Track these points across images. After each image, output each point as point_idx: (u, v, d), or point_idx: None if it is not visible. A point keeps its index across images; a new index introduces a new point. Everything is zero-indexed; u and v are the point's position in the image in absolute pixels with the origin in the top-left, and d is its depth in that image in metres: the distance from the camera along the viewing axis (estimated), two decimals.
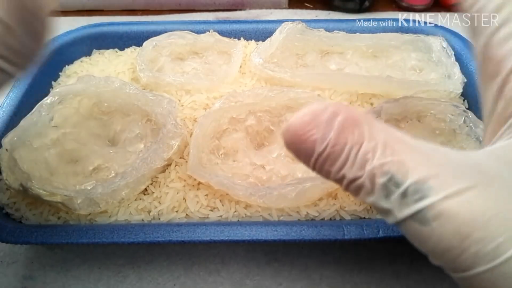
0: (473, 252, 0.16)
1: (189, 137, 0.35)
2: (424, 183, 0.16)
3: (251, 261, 0.33)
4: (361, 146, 0.17)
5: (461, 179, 0.16)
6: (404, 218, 0.17)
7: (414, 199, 0.16)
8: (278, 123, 0.36)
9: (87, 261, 0.33)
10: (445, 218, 0.16)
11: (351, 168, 0.17)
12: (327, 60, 0.43)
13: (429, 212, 0.16)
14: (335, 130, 0.17)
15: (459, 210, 0.16)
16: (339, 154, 0.17)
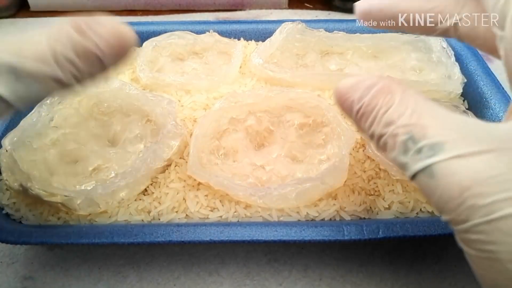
0: (470, 204, 0.17)
1: (189, 138, 0.35)
2: (438, 143, 0.18)
3: (251, 261, 0.33)
4: (389, 108, 0.20)
5: (474, 145, 0.18)
6: (416, 171, 0.19)
7: (427, 155, 0.18)
8: (278, 123, 0.36)
9: (87, 261, 0.33)
10: (449, 173, 0.18)
11: (378, 125, 0.20)
12: (327, 60, 0.43)
13: (437, 167, 0.18)
14: (370, 94, 0.20)
15: (463, 167, 0.18)
16: (370, 113, 0.20)
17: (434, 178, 0.18)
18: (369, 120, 0.20)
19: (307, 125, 0.35)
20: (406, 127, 0.19)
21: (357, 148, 0.35)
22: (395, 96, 0.20)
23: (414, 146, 0.19)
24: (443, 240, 0.33)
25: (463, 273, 0.32)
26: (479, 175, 0.17)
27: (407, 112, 0.19)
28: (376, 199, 0.32)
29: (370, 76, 0.21)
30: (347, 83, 0.21)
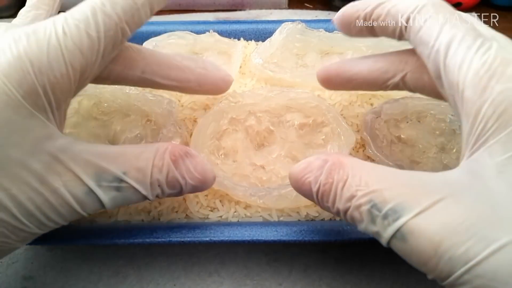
0: (447, 258, 0.18)
1: (189, 138, 0.35)
2: (399, 204, 0.19)
3: (251, 261, 0.33)
4: (345, 182, 0.21)
5: (430, 196, 0.19)
6: (389, 237, 0.20)
7: (392, 219, 0.19)
8: (278, 123, 0.36)
9: (87, 262, 0.33)
10: (418, 232, 0.19)
11: (340, 201, 0.21)
12: (327, 60, 0.43)
13: (405, 230, 0.19)
14: (324, 172, 0.22)
15: (429, 223, 0.19)
16: (330, 191, 0.22)
17: (407, 241, 0.19)
18: (331, 198, 0.22)
19: (307, 125, 0.35)
20: (366, 196, 0.20)
21: (357, 148, 0.35)
22: (346, 169, 0.21)
23: (379, 213, 0.20)
24: None
25: None
26: (446, 227, 0.18)
27: (362, 182, 0.20)
28: None
29: (318, 156, 0.23)
30: (299, 167, 0.23)
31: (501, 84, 0.20)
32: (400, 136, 0.35)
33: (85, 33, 0.22)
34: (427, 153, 0.34)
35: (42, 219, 0.22)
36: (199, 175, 0.25)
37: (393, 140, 0.35)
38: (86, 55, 0.23)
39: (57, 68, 0.22)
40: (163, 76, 0.29)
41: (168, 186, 0.24)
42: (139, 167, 0.23)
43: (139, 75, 0.29)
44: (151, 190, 0.24)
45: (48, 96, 0.22)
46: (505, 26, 0.58)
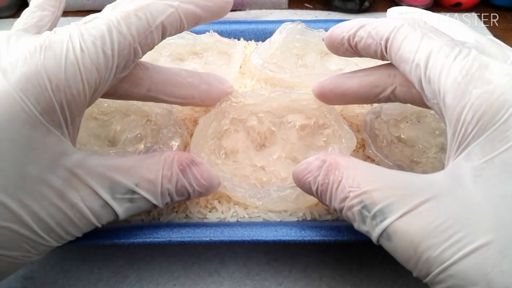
0: (424, 259, 0.19)
1: (189, 138, 0.35)
2: (386, 207, 0.20)
3: (251, 261, 0.33)
4: (339, 183, 0.22)
5: (414, 197, 0.20)
6: (377, 237, 0.21)
7: (380, 219, 0.21)
8: (280, 124, 0.36)
9: (87, 262, 0.33)
10: (401, 233, 0.20)
11: (335, 202, 0.23)
12: (327, 60, 0.43)
13: (390, 230, 0.20)
14: (321, 173, 0.23)
15: (411, 225, 0.20)
16: (326, 191, 0.23)
17: (391, 241, 0.20)
18: (328, 198, 0.23)
19: (308, 126, 0.35)
20: (358, 197, 0.21)
21: (357, 148, 0.35)
22: (341, 170, 0.23)
23: (369, 214, 0.21)
24: None
25: None
26: (425, 228, 0.19)
27: (355, 183, 0.22)
28: None
29: (317, 156, 0.24)
30: (301, 167, 0.25)
31: (479, 89, 0.20)
32: (400, 136, 0.35)
33: (101, 50, 0.23)
34: (427, 153, 0.34)
35: (61, 233, 0.23)
36: (205, 182, 0.26)
37: (393, 140, 0.35)
38: (101, 72, 0.23)
39: (74, 85, 0.22)
40: (168, 94, 0.30)
41: (177, 194, 0.25)
42: (150, 179, 0.24)
43: (145, 93, 0.29)
44: (162, 198, 0.25)
45: (64, 112, 0.22)
46: (505, 26, 0.58)
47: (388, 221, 0.20)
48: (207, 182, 0.26)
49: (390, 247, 0.21)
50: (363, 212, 0.21)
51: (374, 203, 0.21)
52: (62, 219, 0.22)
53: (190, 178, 0.26)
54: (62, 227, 0.22)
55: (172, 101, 0.31)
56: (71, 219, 0.22)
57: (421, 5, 0.59)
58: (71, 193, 0.22)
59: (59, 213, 0.22)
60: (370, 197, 0.21)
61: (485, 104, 0.20)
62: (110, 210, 0.24)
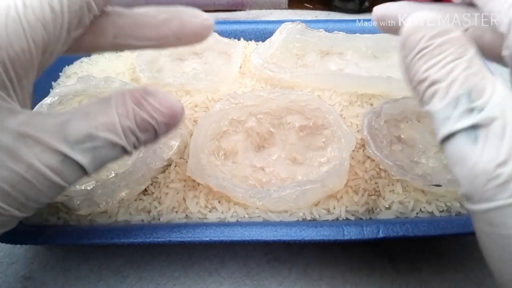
0: (502, 181, 0.17)
1: (189, 138, 0.35)
2: (493, 109, 0.18)
3: (251, 261, 0.33)
4: (457, 59, 0.19)
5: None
6: (459, 129, 0.18)
7: (477, 117, 0.18)
8: (279, 125, 0.36)
9: (87, 261, 0.33)
10: (495, 142, 0.17)
11: (438, 70, 0.19)
12: (327, 60, 0.43)
13: (483, 133, 0.17)
14: (445, 38, 0.19)
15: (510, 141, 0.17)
16: (435, 56, 0.19)
17: (476, 143, 0.18)
18: (430, 62, 0.19)
19: (307, 127, 0.35)
20: (467, 82, 0.18)
21: (357, 148, 0.35)
22: (468, 51, 0.19)
23: (467, 105, 0.18)
24: (443, 240, 0.33)
25: (463, 273, 0.32)
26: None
27: (473, 70, 0.19)
28: (377, 199, 0.32)
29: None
30: (427, 16, 0.20)
31: None
32: (400, 136, 0.35)
33: (48, 6, 0.22)
34: (427, 153, 0.34)
35: (21, 199, 0.21)
36: (166, 110, 0.24)
37: (393, 140, 0.35)
38: (49, 29, 0.22)
39: (17, 43, 0.21)
40: (138, 38, 0.28)
41: (141, 130, 0.23)
42: (106, 120, 0.22)
43: (112, 40, 0.27)
44: (126, 138, 0.23)
45: (8, 72, 0.21)
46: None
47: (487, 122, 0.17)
48: (168, 109, 0.24)
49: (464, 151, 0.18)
50: (461, 99, 0.18)
51: (481, 98, 0.18)
52: (18, 182, 0.20)
53: (149, 109, 0.23)
54: (20, 191, 0.21)
55: (145, 45, 0.28)
56: (29, 181, 0.21)
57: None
58: (23, 152, 0.20)
59: (13, 175, 0.20)
60: (481, 92, 0.18)
61: None
62: (73, 164, 0.22)
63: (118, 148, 0.23)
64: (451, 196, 0.31)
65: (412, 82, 0.21)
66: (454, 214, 0.31)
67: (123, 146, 0.23)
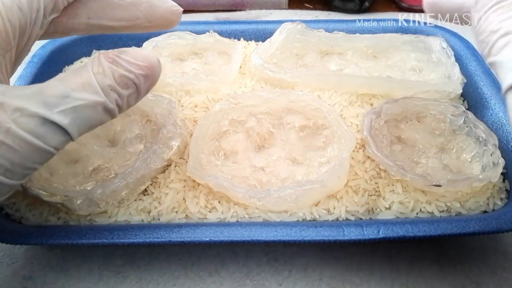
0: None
1: (189, 138, 0.35)
2: None
3: (251, 261, 0.33)
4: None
5: None
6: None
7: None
8: (279, 125, 0.36)
9: (87, 262, 0.33)
10: None
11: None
12: (327, 60, 0.43)
13: None
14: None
15: None
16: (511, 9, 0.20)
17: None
18: (506, 15, 0.20)
19: (307, 127, 0.35)
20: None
21: (357, 148, 0.35)
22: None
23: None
24: (443, 240, 0.33)
25: (462, 272, 0.32)
26: None
27: None
28: (377, 199, 0.32)
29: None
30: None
31: None
32: (400, 136, 0.35)
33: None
34: (427, 153, 0.34)
35: (5, 164, 0.21)
36: (143, 62, 0.24)
37: (393, 140, 0.35)
38: (25, 12, 0.23)
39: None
40: (110, 18, 0.29)
41: (121, 86, 0.23)
42: (82, 81, 0.22)
43: (86, 21, 0.29)
44: (106, 96, 0.23)
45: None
46: None
47: None
48: (145, 61, 0.24)
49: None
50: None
51: None
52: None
53: (124, 64, 0.23)
54: (2, 156, 0.21)
55: (117, 26, 0.30)
56: (10, 146, 0.21)
57: (421, 5, 0.58)
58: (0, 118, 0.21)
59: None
60: None
61: None
62: (54, 127, 0.22)
63: (99, 107, 0.23)
64: (451, 196, 0.31)
65: (483, 33, 0.21)
66: (454, 214, 0.31)
67: (105, 105, 0.23)
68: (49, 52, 0.43)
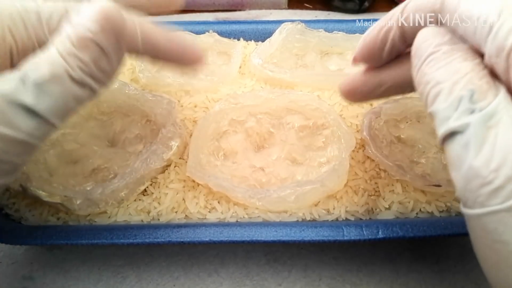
0: (494, 187, 0.16)
1: (188, 138, 0.35)
2: (496, 113, 0.17)
3: (250, 262, 0.33)
4: (464, 62, 0.19)
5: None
6: (457, 128, 0.18)
7: (477, 117, 0.17)
8: (278, 125, 0.36)
9: (87, 262, 0.33)
10: (493, 146, 0.17)
11: (444, 72, 0.19)
12: (327, 60, 0.43)
13: (481, 133, 0.17)
14: (454, 46, 0.20)
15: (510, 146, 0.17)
16: (443, 60, 0.20)
17: (470, 146, 0.17)
18: (437, 65, 0.20)
19: (307, 127, 0.35)
20: (471, 84, 0.18)
21: (357, 148, 0.35)
22: (474, 57, 0.19)
23: (468, 105, 0.18)
24: (443, 240, 0.33)
25: (462, 272, 0.32)
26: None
27: (478, 74, 0.18)
28: (376, 200, 0.32)
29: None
30: (437, 29, 0.21)
31: None
32: (400, 136, 0.35)
33: None
34: (426, 153, 0.34)
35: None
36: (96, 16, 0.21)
37: (392, 140, 0.35)
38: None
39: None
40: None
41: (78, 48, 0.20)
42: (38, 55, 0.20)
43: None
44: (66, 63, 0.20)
45: None
46: None
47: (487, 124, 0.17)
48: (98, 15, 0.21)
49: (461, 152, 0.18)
50: (464, 99, 0.18)
51: (484, 100, 0.18)
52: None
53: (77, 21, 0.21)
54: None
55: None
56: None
57: None
58: None
59: None
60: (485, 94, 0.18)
61: None
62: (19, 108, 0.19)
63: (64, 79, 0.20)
64: (451, 196, 0.31)
65: (419, 85, 0.21)
66: (454, 214, 0.31)
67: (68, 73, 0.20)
68: None
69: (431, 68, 0.20)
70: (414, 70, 0.21)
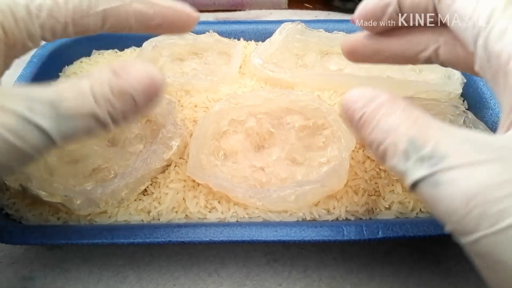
0: (477, 213, 0.17)
1: (188, 138, 0.35)
2: (441, 153, 0.18)
3: (250, 262, 0.33)
4: (391, 116, 0.20)
5: (478, 154, 0.18)
6: (418, 179, 0.18)
7: (430, 164, 0.18)
8: (279, 125, 0.36)
9: (87, 262, 0.33)
10: (454, 180, 0.18)
11: (378, 132, 0.20)
12: (327, 60, 0.43)
13: (441, 176, 0.18)
14: (374, 103, 0.20)
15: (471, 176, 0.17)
16: (372, 121, 0.20)
17: (437, 188, 0.18)
18: (370, 127, 0.20)
19: (307, 127, 0.35)
20: (408, 134, 0.19)
21: (357, 148, 0.35)
22: (398, 106, 0.20)
23: (415, 155, 0.19)
24: (443, 240, 0.33)
25: (463, 273, 0.32)
26: (486, 182, 0.17)
27: (409, 121, 0.19)
28: (376, 200, 0.32)
29: (376, 89, 0.21)
30: (353, 92, 0.22)
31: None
32: None
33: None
34: None
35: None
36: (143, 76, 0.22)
37: None
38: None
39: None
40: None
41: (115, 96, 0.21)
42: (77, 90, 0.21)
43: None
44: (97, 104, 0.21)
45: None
46: None
47: (440, 166, 0.18)
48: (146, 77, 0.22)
49: (433, 194, 0.18)
50: (409, 151, 0.19)
51: (426, 145, 0.18)
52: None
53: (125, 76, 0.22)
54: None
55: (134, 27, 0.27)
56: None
57: None
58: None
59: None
60: (424, 139, 0.18)
61: None
62: (35, 128, 0.20)
63: (88, 116, 0.21)
64: None
65: (366, 146, 0.22)
66: None
67: (95, 114, 0.21)
68: (49, 52, 0.42)
69: (366, 131, 0.21)
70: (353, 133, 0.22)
